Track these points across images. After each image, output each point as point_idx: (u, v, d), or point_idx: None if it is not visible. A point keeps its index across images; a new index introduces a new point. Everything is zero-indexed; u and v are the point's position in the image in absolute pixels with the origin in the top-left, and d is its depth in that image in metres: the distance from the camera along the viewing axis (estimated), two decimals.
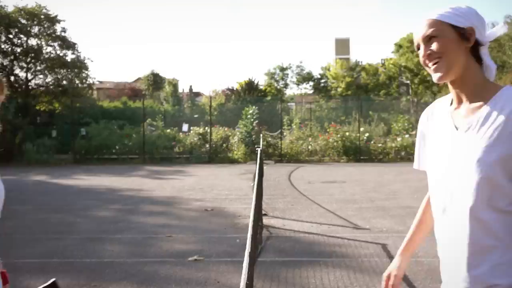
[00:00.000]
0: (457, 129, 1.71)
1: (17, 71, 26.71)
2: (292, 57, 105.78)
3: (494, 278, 1.60)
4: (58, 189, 13.24)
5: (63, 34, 26.77)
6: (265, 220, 8.21)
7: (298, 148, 21.73)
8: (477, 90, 1.71)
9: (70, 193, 12.41)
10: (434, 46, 1.69)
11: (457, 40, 1.67)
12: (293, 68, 48.47)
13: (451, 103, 1.80)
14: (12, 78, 26.56)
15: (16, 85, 26.56)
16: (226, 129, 23.42)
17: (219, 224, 8.23)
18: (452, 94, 1.79)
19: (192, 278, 5.40)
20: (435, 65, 1.70)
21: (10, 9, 25.93)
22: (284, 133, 23.00)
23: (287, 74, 56.72)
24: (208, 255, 6.25)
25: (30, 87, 26.53)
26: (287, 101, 39.38)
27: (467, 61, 1.69)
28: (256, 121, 22.51)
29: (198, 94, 49.20)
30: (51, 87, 26.57)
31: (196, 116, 28.21)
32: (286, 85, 56.15)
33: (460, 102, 1.75)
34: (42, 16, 26.26)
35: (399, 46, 49.78)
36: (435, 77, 1.72)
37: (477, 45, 1.70)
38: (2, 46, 26.14)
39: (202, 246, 6.72)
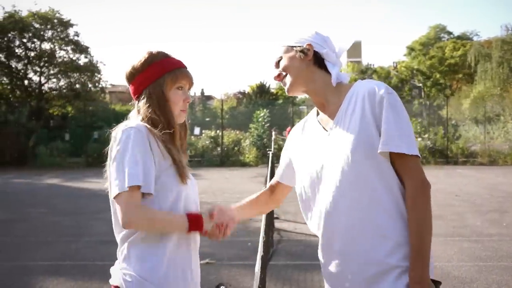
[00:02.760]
0: (326, 131, 1.87)
1: (31, 75, 27.04)
2: None
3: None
4: (71, 192, 13.33)
5: (76, 38, 27.04)
6: (277, 224, 8.19)
7: None
8: (332, 94, 1.89)
9: (83, 196, 12.48)
10: (280, 65, 1.95)
11: (298, 56, 1.90)
12: None
13: (318, 114, 1.98)
14: (25, 82, 26.85)
15: (30, 89, 26.85)
16: (237, 132, 23.46)
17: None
18: (315, 106, 1.99)
19: (204, 281, 5.38)
20: (283, 80, 1.95)
21: (24, 13, 26.25)
22: None
23: None
24: (220, 258, 6.25)
25: (43, 91, 26.79)
26: (299, 104, 39.30)
27: (311, 73, 1.90)
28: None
29: (209, 98, 49.40)
30: (64, 90, 26.81)
31: (207, 119, 28.30)
32: None
33: (323, 109, 1.93)
34: (55, 21, 26.53)
35: (411, 49, 49.60)
36: (286, 89, 1.96)
37: (322, 58, 1.90)
38: (16, 50, 26.45)
39: (214, 250, 6.72)
